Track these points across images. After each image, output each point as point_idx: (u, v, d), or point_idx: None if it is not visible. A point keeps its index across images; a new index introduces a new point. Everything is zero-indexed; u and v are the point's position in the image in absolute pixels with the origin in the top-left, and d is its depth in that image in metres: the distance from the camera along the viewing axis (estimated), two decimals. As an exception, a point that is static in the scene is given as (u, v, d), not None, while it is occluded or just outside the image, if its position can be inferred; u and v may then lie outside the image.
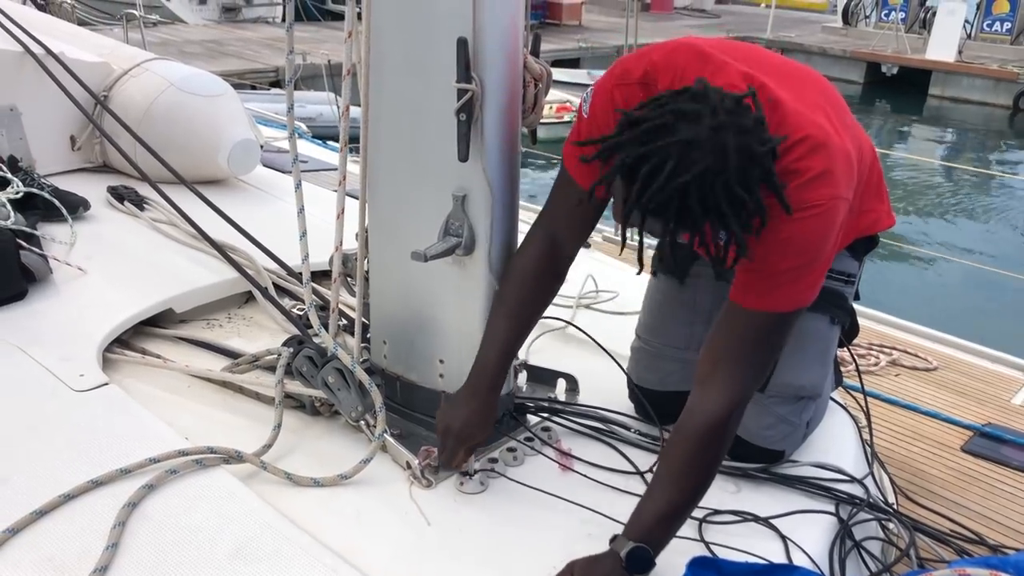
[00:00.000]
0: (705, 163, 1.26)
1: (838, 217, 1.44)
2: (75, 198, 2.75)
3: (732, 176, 1.27)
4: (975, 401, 2.82)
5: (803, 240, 1.43)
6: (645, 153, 1.30)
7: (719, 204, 1.28)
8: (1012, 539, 2.09)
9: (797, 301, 1.49)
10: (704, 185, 1.27)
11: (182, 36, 14.74)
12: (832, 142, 1.45)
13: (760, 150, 1.29)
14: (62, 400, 1.81)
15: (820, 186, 1.42)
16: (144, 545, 1.43)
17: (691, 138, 1.27)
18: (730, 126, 1.28)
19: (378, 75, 1.68)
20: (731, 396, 1.49)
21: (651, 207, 1.30)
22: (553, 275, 1.72)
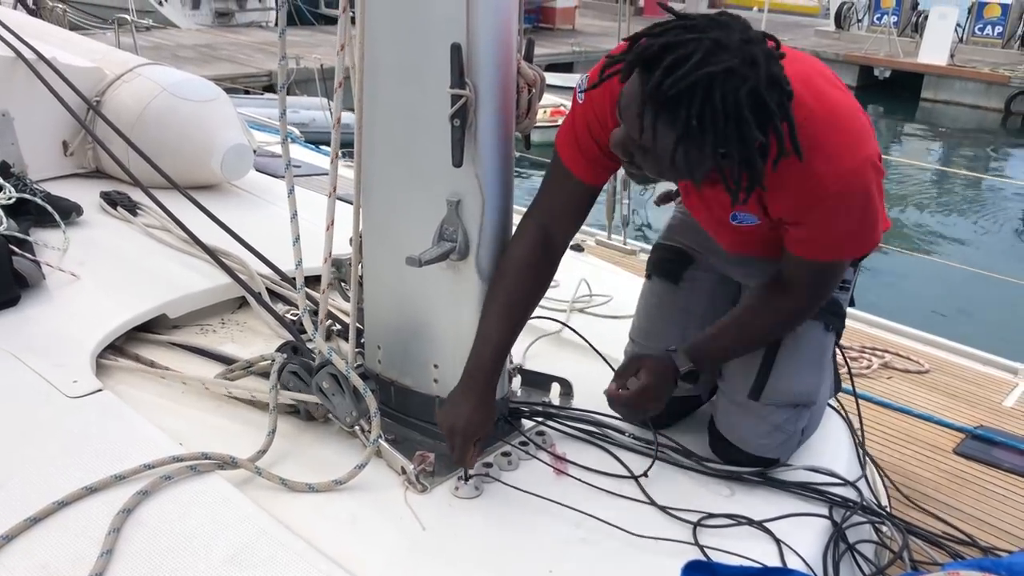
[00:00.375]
0: (733, 63, 1.25)
1: (872, 171, 1.47)
2: (68, 204, 2.74)
3: (761, 83, 1.26)
4: (967, 403, 2.84)
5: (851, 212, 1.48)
6: (672, 42, 1.27)
7: (741, 108, 1.25)
8: (1004, 541, 2.10)
9: (855, 252, 1.64)
10: (729, 83, 1.24)
11: (175, 40, 14.72)
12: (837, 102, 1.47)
13: (783, 81, 1.29)
14: (56, 406, 1.80)
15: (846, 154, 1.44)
16: (139, 552, 1.43)
17: (721, 39, 1.26)
18: (756, 47, 1.28)
19: (372, 81, 1.69)
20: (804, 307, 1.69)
21: (671, 93, 1.25)
22: (547, 266, 1.73)
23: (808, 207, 1.48)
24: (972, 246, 9.46)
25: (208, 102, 3.23)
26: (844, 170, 1.44)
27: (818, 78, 1.50)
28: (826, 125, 1.44)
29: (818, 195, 1.45)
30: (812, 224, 1.51)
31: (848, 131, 1.47)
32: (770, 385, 1.74)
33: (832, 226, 1.51)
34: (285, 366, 1.82)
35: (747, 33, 1.30)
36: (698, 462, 1.80)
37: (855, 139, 1.47)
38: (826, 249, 1.57)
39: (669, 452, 1.83)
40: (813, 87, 1.46)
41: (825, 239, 1.54)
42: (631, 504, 1.68)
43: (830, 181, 1.44)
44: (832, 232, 1.52)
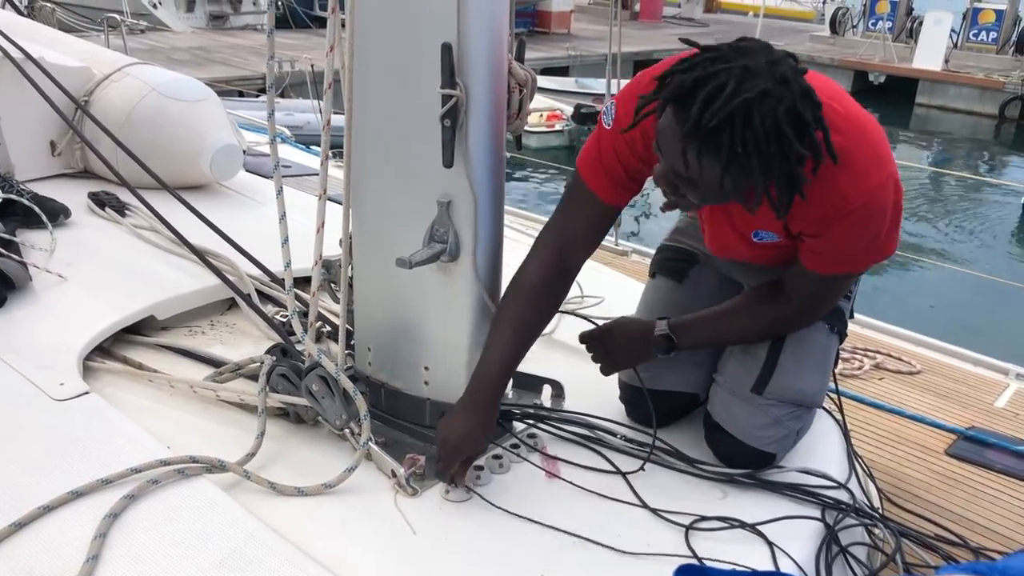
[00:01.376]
0: (765, 85, 1.27)
1: (894, 187, 1.50)
2: (56, 205, 2.72)
3: (796, 98, 1.29)
4: (958, 404, 2.84)
5: (869, 227, 1.50)
6: (704, 75, 1.29)
7: (781, 127, 1.28)
8: (994, 542, 2.10)
9: (867, 265, 1.63)
10: (766, 104, 1.27)
11: (169, 43, 14.68)
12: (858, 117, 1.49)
13: (814, 97, 1.32)
14: (41, 409, 1.78)
15: (872, 171, 1.47)
16: (125, 557, 1.41)
17: (750, 65, 1.28)
18: (786, 64, 1.31)
19: (362, 81, 1.67)
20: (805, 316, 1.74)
21: (712, 125, 1.27)
22: (560, 288, 1.74)
23: (830, 221, 1.49)
24: (964, 248, 9.50)
25: (198, 102, 3.21)
26: (869, 186, 1.46)
27: (839, 95, 1.51)
28: (853, 140, 1.45)
29: (842, 210, 1.47)
30: (831, 238, 1.52)
31: (874, 146, 1.49)
32: (774, 381, 1.74)
33: (851, 241, 1.52)
34: (274, 369, 1.80)
35: (772, 54, 1.32)
36: (691, 464, 1.79)
37: (880, 155, 1.49)
38: (839, 262, 1.59)
39: (662, 454, 1.82)
40: (839, 102, 1.48)
41: (841, 253, 1.56)
42: (623, 507, 1.67)
43: (855, 196, 1.46)
44: (849, 246, 1.54)
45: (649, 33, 20.33)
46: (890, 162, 1.51)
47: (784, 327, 1.75)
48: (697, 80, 1.30)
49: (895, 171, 1.51)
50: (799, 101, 1.30)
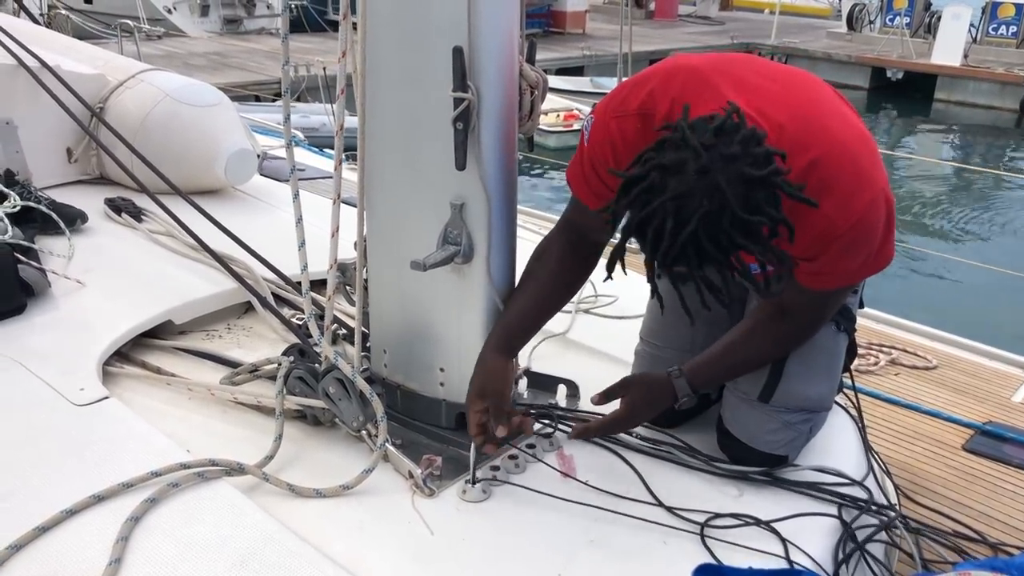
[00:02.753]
0: (703, 208, 1.26)
1: (884, 203, 1.49)
2: (73, 211, 2.75)
3: (736, 209, 1.27)
4: (975, 399, 2.83)
5: (859, 247, 1.50)
6: (644, 216, 1.30)
7: (734, 238, 1.28)
8: (1014, 537, 2.10)
9: (861, 278, 1.65)
10: (711, 227, 1.27)
11: (186, 48, 14.77)
12: (845, 142, 1.47)
13: (755, 173, 1.28)
14: (62, 414, 1.81)
15: (858, 192, 1.46)
16: (147, 559, 1.43)
17: (682, 191, 1.27)
18: (716, 162, 1.27)
19: (374, 85, 1.68)
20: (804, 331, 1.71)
21: (669, 262, 1.32)
22: (582, 257, 1.77)
23: (821, 246, 1.49)
24: (980, 242, 9.43)
25: (211, 107, 3.23)
26: (857, 209, 1.45)
27: (824, 117, 1.50)
28: (836, 166, 1.45)
29: (831, 235, 1.47)
30: (825, 261, 1.52)
31: (856, 164, 1.47)
32: (781, 389, 1.73)
33: (845, 261, 1.52)
34: (291, 371, 1.82)
35: (700, 159, 1.27)
36: (706, 462, 1.79)
37: (865, 174, 1.47)
38: (835, 279, 1.59)
39: (677, 452, 1.82)
40: (817, 127, 1.47)
41: (836, 272, 1.56)
42: (639, 506, 1.67)
43: (843, 221, 1.45)
44: (844, 266, 1.54)
45: (664, 32, 20.28)
46: (876, 177, 1.48)
47: (791, 344, 1.73)
48: (640, 222, 1.31)
49: (883, 184, 1.49)
50: (740, 209, 1.27)
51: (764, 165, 1.29)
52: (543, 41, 17.78)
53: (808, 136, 1.44)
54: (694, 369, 1.74)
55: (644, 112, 1.52)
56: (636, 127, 1.51)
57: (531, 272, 1.79)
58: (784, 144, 1.39)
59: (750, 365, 1.76)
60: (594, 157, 1.60)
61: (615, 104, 1.57)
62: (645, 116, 1.51)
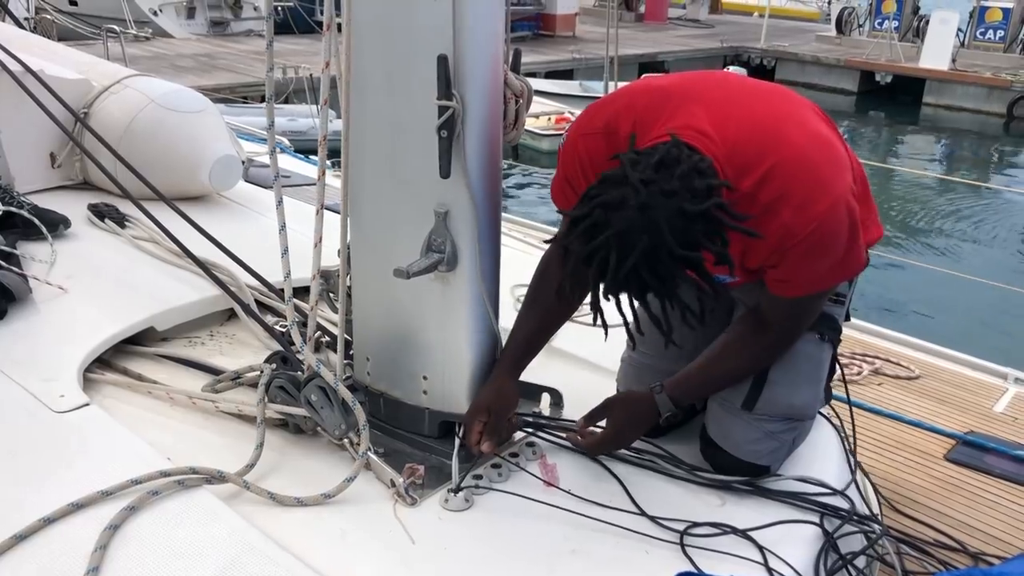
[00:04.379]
0: (642, 244, 1.33)
1: (845, 214, 1.50)
2: (56, 216, 2.73)
3: (672, 244, 1.33)
4: (957, 409, 2.84)
5: (821, 252, 1.51)
6: (589, 252, 1.37)
7: (672, 272, 1.35)
8: (993, 547, 2.11)
9: (833, 282, 1.63)
10: (651, 261, 1.34)
11: (175, 50, 14.70)
12: (803, 147, 1.49)
13: (694, 208, 1.34)
14: (42, 422, 1.79)
15: (814, 199, 1.47)
16: (126, 569, 1.41)
17: (623, 228, 1.33)
18: (655, 198, 1.33)
19: (359, 92, 1.68)
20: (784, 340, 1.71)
21: (616, 290, 1.39)
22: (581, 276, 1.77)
23: (782, 252, 1.51)
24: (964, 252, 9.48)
25: (196, 113, 3.22)
26: (814, 215, 1.47)
27: (784, 127, 1.52)
28: (793, 172, 1.47)
29: (790, 241, 1.49)
30: (788, 266, 1.54)
31: (814, 172, 1.49)
32: (763, 398, 1.74)
33: (809, 266, 1.54)
34: (273, 379, 1.81)
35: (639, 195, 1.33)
36: (689, 471, 1.79)
37: (824, 179, 1.49)
38: (806, 286, 1.60)
39: (660, 461, 1.82)
40: (776, 137, 1.50)
41: (803, 278, 1.57)
42: (621, 515, 1.67)
43: (800, 227, 1.47)
44: (809, 271, 1.55)
45: (654, 35, 20.35)
46: (835, 184, 1.50)
47: (770, 356, 1.73)
48: (586, 257, 1.38)
49: (843, 190, 1.50)
50: (677, 244, 1.33)
51: (704, 199, 1.34)
52: (532, 44, 17.80)
53: (765, 147, 1.47)
54: (675, 384, 1.76)
55: (608, 131, 1.58)
56: (601, 146, 1.58)
57: (536, 292, 1.83)
58: (738, 159, 1.45)
59: (730, 378, 1.77)
60: (567, 174, 1.66)
61: (583, 123, 1.64)
62: (609, 135, 1.57)
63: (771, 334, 1.70)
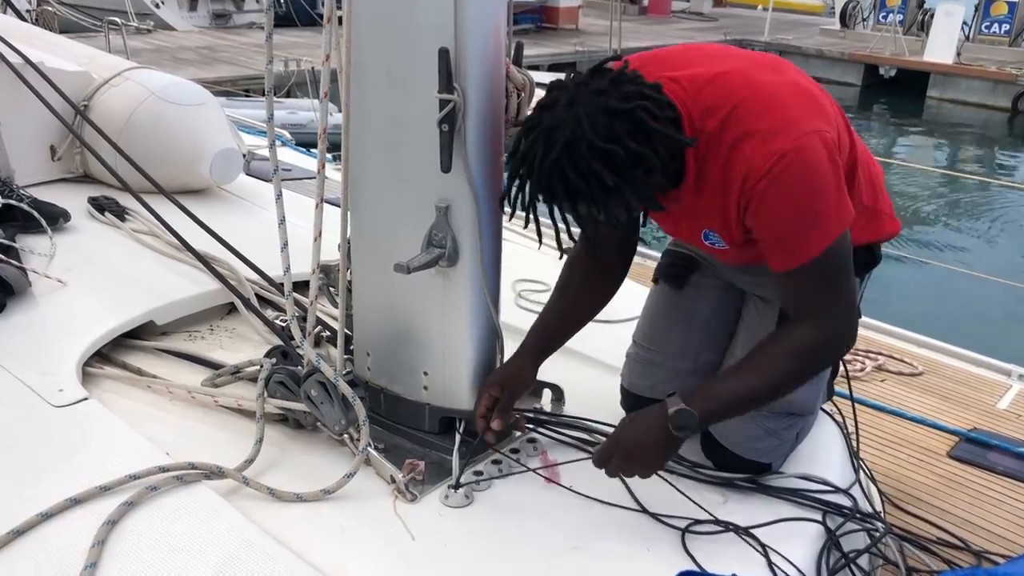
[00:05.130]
0: (565, 137, 1.36)
1: (818, 149, 1.42)
2: (55, 209, 2.72)
3: (592, 136, 1.35)
4: (961, 406, 2.83)
5: (793, 190, 1.43)
6: (524, 150, 1.43)
7: (591, 166, 1.36)
8: (997, 545, 2.09)
9: (831, 232, 1.47)
10: (572, 155, 1.36)
11: (176, 43, 14.66)
12: (773, 87, 1.48)
13: (619, 105, 1.37)
14: (40, 416, 1.78)
15: (779, 132, 1.42)
16: (124, 565, 1.41)
17: (551, 123, 1.38)
18: (583, 96, 1.38)
19: (359, 86, 1.67)
20: (824, 327, 1.53)
21: (540, 191, 1.43)
22: (608, 271, 1.83)
23: (752, 194, 1.43)
24: (968, 248, 9.45)
25: (197, 106, 3.20)
26: (779, 148, 1.40)
27: (756, 70, 1.51)
28: (758, 110, 1.45)
29: (756, 175, 1.42)
30: (766, 214, 1.45)
31: (783, 112, 1.45)
32: None
33: (786, 211, 1.44)
34: (273, 374, 1.80)
35: (568, 92, 1.40)
36: (690, 468, 1.78)
37: (792, 117, 1.44)
38: (797, 244, 1.47)
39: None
40: (747, 79, 1.48)
41: (788, 231, 1.46)
42: (622, 512, 1.66)
43: (763, 159, 1.41)
44: (790, 219, 1.45)
45: (657, 28, 20.29)
46: (806, 121, 1.43)
47: (812, 353, 1.55)
48: (521, 156, 1.44)
49: (816, 127, 1.43)
50: (598, 137, 1.35)
51: (630, 99, 1.37)
52: (536, 37, 17.73)
53: (734, 88, 1.46)
54: (697, 392, 1.56)
55: None
56: None
57: (565, 285, 1.84)
58: (705, 99, 1.45)
59: (763, 384, 1.55)
60: None
61: None
62: None
63: (805, 327, 1.52)
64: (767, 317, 1.75)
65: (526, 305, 2.53)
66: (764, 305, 1.79)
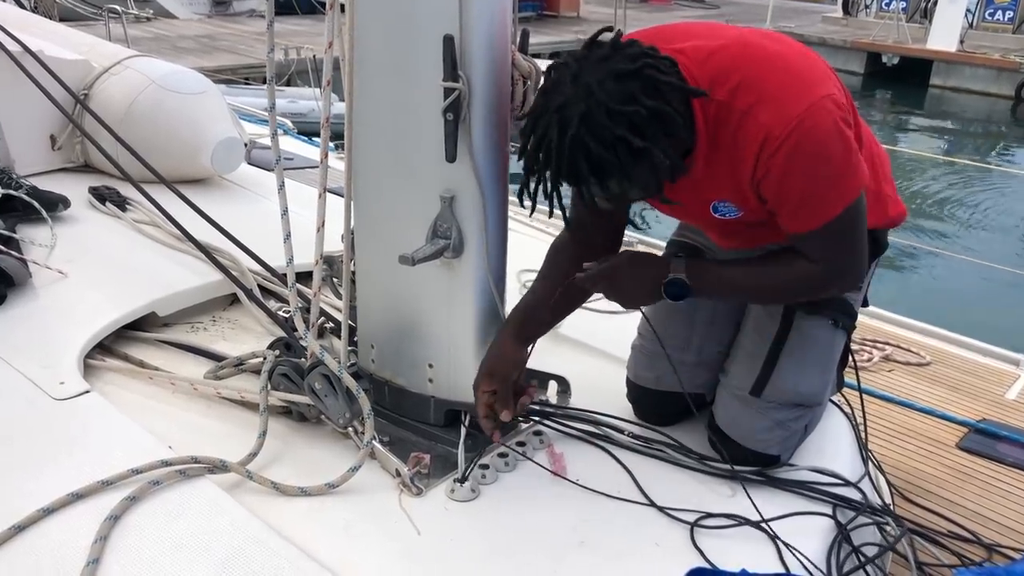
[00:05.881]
0: (580, 111, 1.32)
1: (832, 112, 1.42)
2: (54, 196, 2.70)
3: (610, 102, 1.31)
4: (969, 396, 2.81)
5: (812, 155, 1.42)
6: (536, 141, 1.38)
7: (615, 132, 1.31)
8: (1008, 538, 2.07)
9: (849, 193, 1.47)
10: (591, 127, 1.32)
11: (176, 31, 14.61)
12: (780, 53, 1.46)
13: (627, 66, 1.33)
14: (42, 409, 1.76)
15: (793, 98, 1.41)
16: (127, 561, 1.39)
17: (560, 102, 1.34)
18: (587, 67, 1.34)
19: (362, 74, 1.64)
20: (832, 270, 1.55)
21: (563, 176, 1.37)
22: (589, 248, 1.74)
23: (770, 162, 1.42)
24: (975, 237, 9.40)
25: (198, 95, 3.18)
26: (793, 113, 1.39)
27: (761, 38, 1.50)
28: (769, 77, 1.43)
29: (773, 145, 1.40)
30: (784, 182, 1.44)
31: (794, 77, 1.44)
32: (772, 383, 1.71)
33: (805, 176, 1.43)
34: (276, 366, 1.78)
35: (571, 69, 1.36)
36: (698, 460, 1.76)
37: (804, 80, 1.44)
38: (814, 207, 1.47)
39: (669, 451, 1.79)
40: (754, 49, 1.47)
41: (805, 195, 1.46)
42: (630, 505, 1.65)
43: (781, 125, 1.39)
44: (808, 184, 1.44)
45: (659, 16, 20.21)
46: (817, 86, 1.43)
47: (811, 287, 1.60)
48: (533, 148, 1.39)
49: (827, 91, 1.43)
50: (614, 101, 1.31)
51: (636, 60, 1.34)
52: (536, 24, 17.65)
53: (742, 56, 1.45)
54: (699, 265, 1.60)
55: None
56: None
57: (551, 266, 1.78)
58: (712, 67, 1.43)
59: (759, 288, 1.62)
60: None
61: None
62: None
63: (816, 266, 1.55)
64: (770, 308, 1.73)
65: (531, 295, 2.50)
66: None
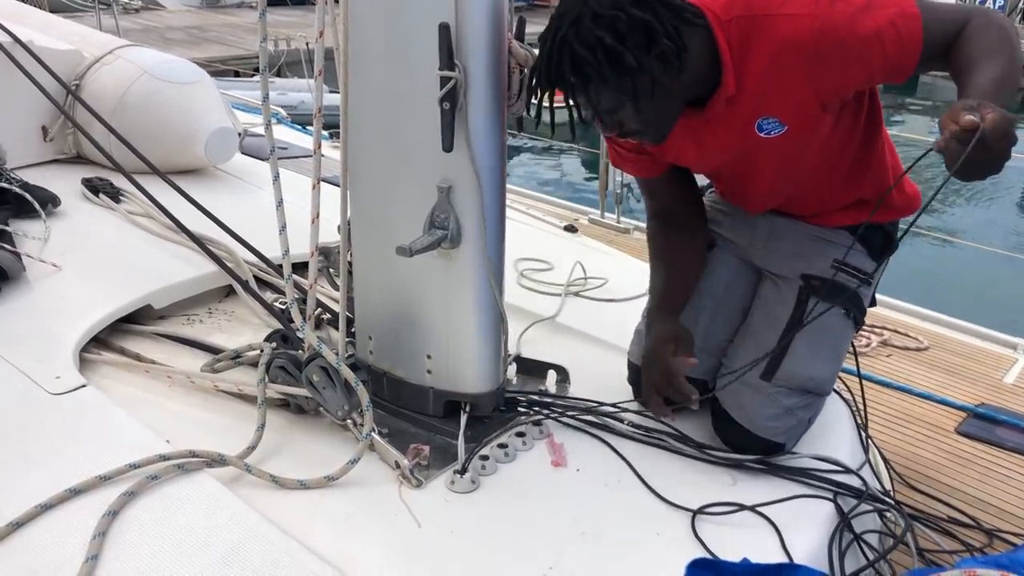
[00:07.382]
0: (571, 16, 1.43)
1: None
2: (44, 194, 2.66)
3: (597, 6, 1.40)
4: (967, 381, 2.81)
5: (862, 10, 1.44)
6: (539, 55, 1.50)
7: (595, 34, 1.40)
8: (1008, 523, 2.08)
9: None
10: (578, 28, 1.42)
11: (164, 22, 14.55)
12: None
13: None
14: (37, 404, 1.75)
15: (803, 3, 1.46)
16: (126, 556, 1.38)
17: (559, 12, 1.46)
18: None
19: (357, 63, 1.63)
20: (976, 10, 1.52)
21: (552, 76, 1.47)
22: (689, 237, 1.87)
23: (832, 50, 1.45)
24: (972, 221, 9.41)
25: (191, 84, 3.15)
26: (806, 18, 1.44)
27: None
28: None
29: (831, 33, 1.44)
30: (854, 34, 1.44)
31: None
32: (784, 367, 1.71)
33: (866, 15, 1.44)
34: (273, 359, 1.77)
35: None
36: (699, 449, 1.76)
37: None
38: (897, 35, 1.47)
39: (669, 440, 1.79)
40: None
41: (881, 24, 1.45)
42: (631, 495, 1.64)
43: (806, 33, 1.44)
44: (873, 17, 1.44)
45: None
46: None
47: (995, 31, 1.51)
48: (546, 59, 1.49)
49: None
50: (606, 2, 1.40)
51: None
52: (530, 14, 17.45)
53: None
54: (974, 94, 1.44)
55: None
56: None
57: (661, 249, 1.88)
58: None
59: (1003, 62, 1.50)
60: None
61: None
62: None
63: (972, 21, 1.50)
64: (784, 294, 1.73)
65: (528, 284, 2.50)
66: (781, 282, 1.77)
